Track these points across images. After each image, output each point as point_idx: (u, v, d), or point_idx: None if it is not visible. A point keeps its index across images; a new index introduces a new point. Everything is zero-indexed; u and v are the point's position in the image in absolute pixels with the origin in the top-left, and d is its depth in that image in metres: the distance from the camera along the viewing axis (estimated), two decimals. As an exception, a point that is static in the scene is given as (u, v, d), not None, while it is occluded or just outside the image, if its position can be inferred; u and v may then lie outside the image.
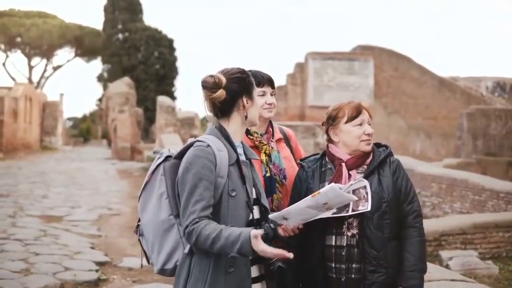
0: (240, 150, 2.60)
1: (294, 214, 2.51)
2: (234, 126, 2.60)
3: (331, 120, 2.91)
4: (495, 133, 23.73)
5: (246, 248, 2.30)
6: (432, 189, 13.56)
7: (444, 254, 8.10)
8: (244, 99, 2.58)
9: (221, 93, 2.50)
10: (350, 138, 2.84)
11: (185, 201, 2.41)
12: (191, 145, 2.53)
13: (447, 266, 7.41)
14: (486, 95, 31.63)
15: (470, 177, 12.69)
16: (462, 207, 12.27)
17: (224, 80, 2.51)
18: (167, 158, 2.62)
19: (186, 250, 2.47)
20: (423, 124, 31.58)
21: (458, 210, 12.37)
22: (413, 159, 17.35)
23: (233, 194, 2.45)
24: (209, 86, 2.51)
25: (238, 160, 2.54)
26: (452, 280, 3.68)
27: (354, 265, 2.73)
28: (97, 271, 6.87)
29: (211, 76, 2.52)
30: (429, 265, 3.64)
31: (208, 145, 2.47)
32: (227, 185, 2.46)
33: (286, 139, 3.30)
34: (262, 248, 2.30)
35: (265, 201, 2.63)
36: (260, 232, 2.33)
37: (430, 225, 8.83)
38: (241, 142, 2.66)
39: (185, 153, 2.51)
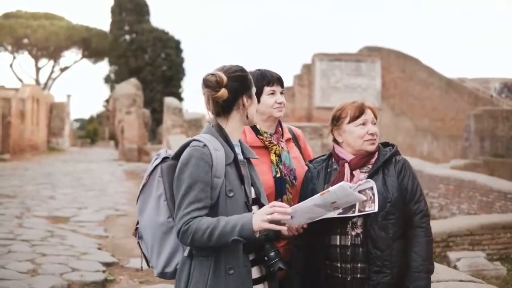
0: (238, 149, 2.55)
1: (300, 213, 2.45)
2: (232, 125, 2.55)
3: (335, 121, 2.89)
4: (503, 134, 23.64)
5: (247, 228, 2.26)
6: (439, 190, 13.53)
7: (452, 255, 8.09)
8: (245, 98, 2.54)
9: (223, 92, 2.46)
10: (353, 138, 2.82)
11: (179, 202, 2.37)
12: (187, 144, 2.47)
13: (455, 267, 7.38)
14: (494, 96, 31.49)
15: (477, 178, 12.67)
16: (470, 208, 12.24)
17: (225, 78, 2.47)
18: (165, 159, 2.56)
19: (186, 253, 2.43)
20: (431, 126, 31.46)
21: (465, 211, 12.34)
22: (420, 161, 17.34)
23: (231, 194, 2.40)
24: (212, 85, 2.46)
25: (235, 160, 2.48)
26: (461, 280, 3.65)
27: (359, 265, 2.70)
28: (104, 271, 6.89)
29: (213, 74, 2.47)
30: (437, 265, 3.61)
31: (205, 145, 2.42)
32: (224, 185, 2.40)
33: (295, 139, 3.24)
34: (264, 219, 2.26)
35: (264, 200, 2.57)
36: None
37: (437, 226, 8.81)
38: (239, 141, 2.61)
39: (182, 153, 2.46)
